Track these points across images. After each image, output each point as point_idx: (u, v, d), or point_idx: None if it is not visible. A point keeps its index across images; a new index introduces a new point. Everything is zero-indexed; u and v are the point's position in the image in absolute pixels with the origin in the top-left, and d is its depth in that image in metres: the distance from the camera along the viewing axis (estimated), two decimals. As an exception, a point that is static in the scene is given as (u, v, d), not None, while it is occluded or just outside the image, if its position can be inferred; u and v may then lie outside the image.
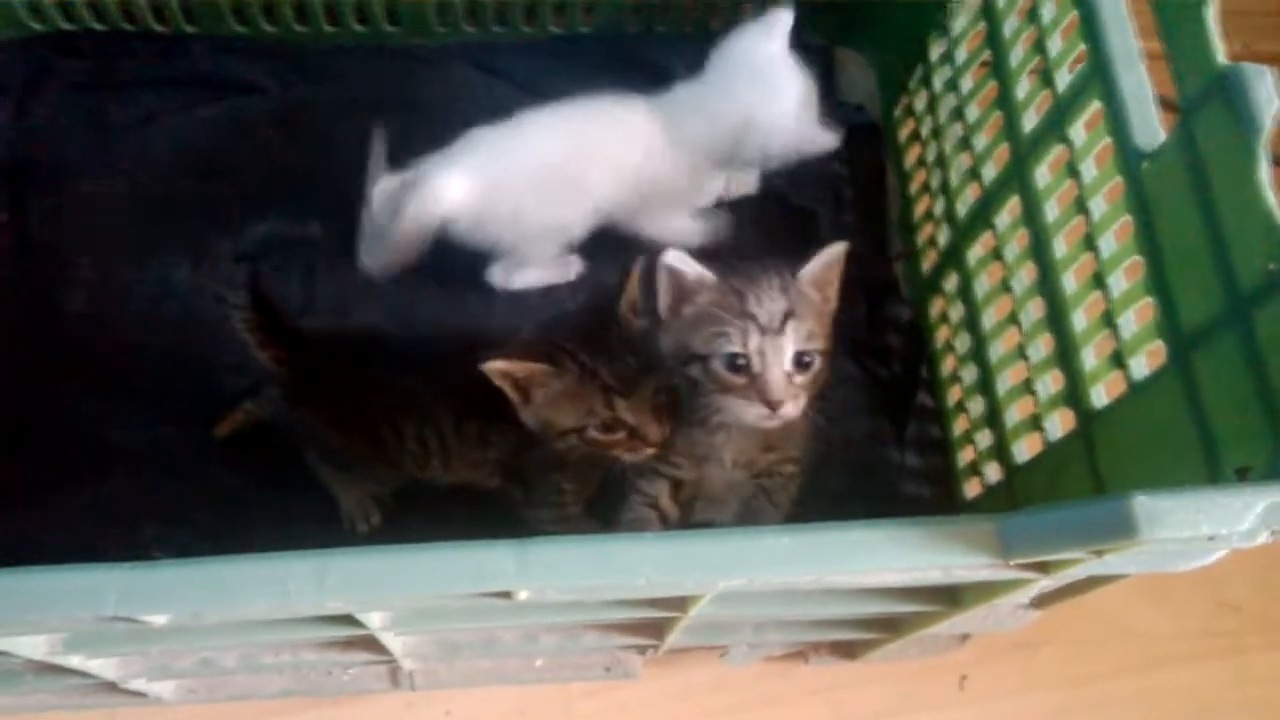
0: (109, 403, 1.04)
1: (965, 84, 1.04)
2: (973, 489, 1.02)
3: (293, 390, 0.92)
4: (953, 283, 1.06)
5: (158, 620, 0.55)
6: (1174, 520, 0.50)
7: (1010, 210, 0.95)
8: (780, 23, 1.00)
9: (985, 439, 0.99)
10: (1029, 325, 0.91)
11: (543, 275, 1.10)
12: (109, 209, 1.15)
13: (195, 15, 1.23)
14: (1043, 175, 0.89)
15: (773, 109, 0.99)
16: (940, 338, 1.10)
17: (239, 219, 0.86)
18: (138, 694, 0.87)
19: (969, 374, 1.02)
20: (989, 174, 0.98)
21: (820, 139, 1.00)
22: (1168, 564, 0.62)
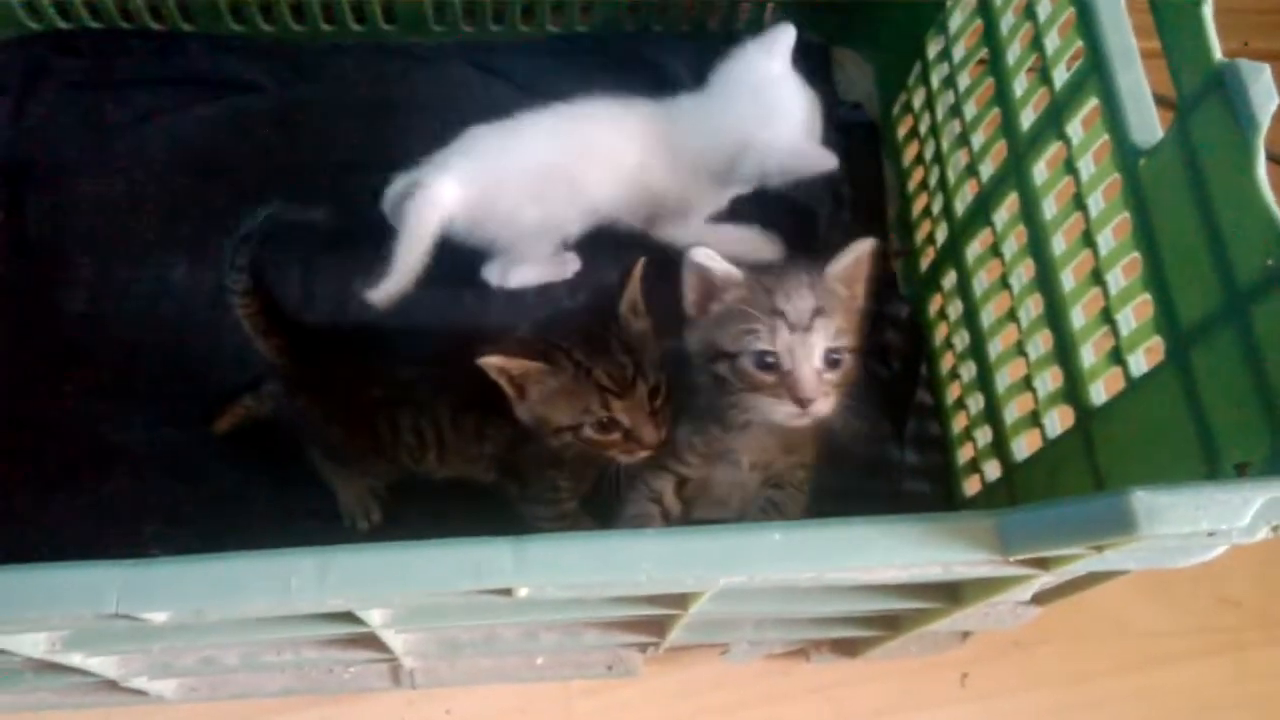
0: (108, 401, 1.04)
1: (963, 81, 1.04)
2: (972, 486, 1.02)
3: (292, 381, 0.92)
4: (951, 280, 1.06)
5: (158, 618, 0.55)
6: (1173, 516, 0.50)
7: (1008, 207, 0.95)
8: (781, 40, 1.00)
9: (984, 436, 0.99)
10: (1028, 322, 0.91)
11: (539, 273, 1.10)
12: (106, 208, 1.15)
13: (192, 13, 1.23)
14: (1041, 172, 0.89)
15: (771, 131, 0.98)
16: (939, 335, 1.10)
17: (237, 218, 0.86)
18: (138, 692, 0.87)
19: (968, 371, 1.02)
20: (987, 171, 0.99)
21: (820, 161, 0.98)
22: (1167, 560, 0.62)
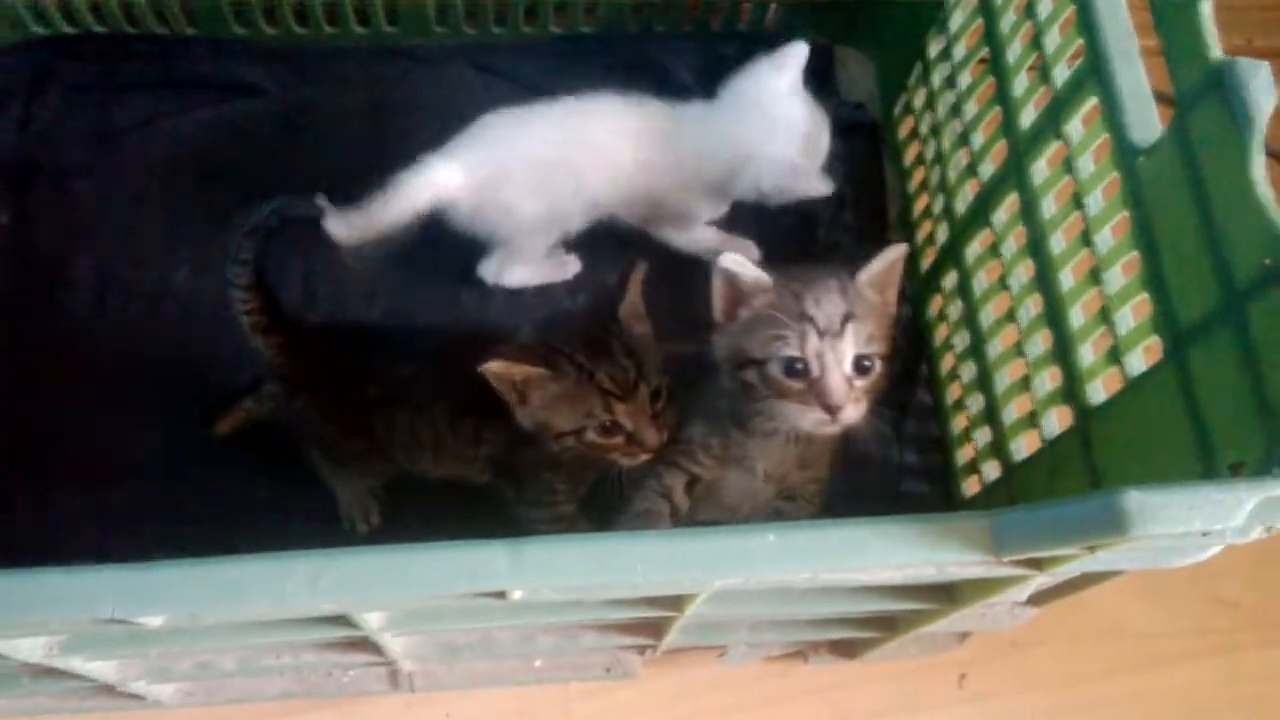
0: (110, 404, 1.05)
1: (963, 80, 1.04)
2: (972, 487, 1.02)
3: (291, 379, 0.92)
4: (951, 280, 1.06)
5: (154, 622, 0.55)
6: (1166, 516, 0.50)
7: (1008, 207, 0.94)
8: (793, 57, 0.99)
9: (984, 436, 0.98)
10: (1027, 322, 0.91)
11: (537, 274, 1.10)
12: (110, 211, 1.15)
13: (196, 17, 1.23)
14: (1040, 171, 0.89)
15: (773, 146, 0.98)
16: (939, 335, 1.09)
17: (240, 220, 0.86)
18: (136, 697, 0.87)
19: (967, 371, 1.02)
20: (987, 170, 0.98)
21: (814, 186, 0.98)
22: (1162, 560, 0.62)
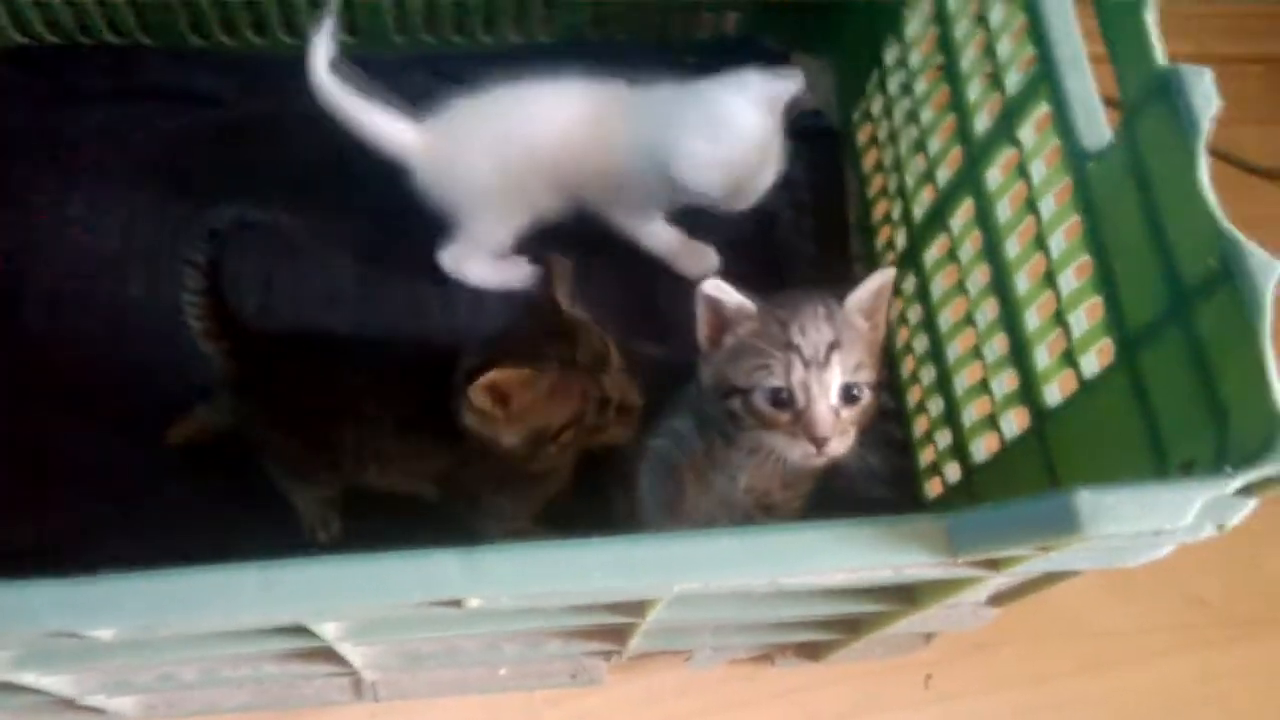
0: (66, 416, 1.03)
1: (919, 87, 1.04)
2: (934, 489, 1.03)
3: (240, 386, 0.91)
4: (911, 284, 1.07)
5: (105, 635, 0.54)
6: (1117, 515, 0.50)
7: (964, 212, 0.95)
8: (781, 80, 0.98)
9: (945, 439, 0.99)
10: (984, 325, 0.92)
11: (495, 274, 1.10)
12: (66, 223, 1.14)
13: (151, 28, 1.22)
14: (995, 177, 0.90)
15: (699, 140, 0.96)
16: (900, 339, 1.10)
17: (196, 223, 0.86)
18: (97, 710, 0.86)
19: (928, 374, 1.03)
20: (943, 176, 0.99)
21: (737, 202, 1.00)
22: (1116, 559, 0.62)
